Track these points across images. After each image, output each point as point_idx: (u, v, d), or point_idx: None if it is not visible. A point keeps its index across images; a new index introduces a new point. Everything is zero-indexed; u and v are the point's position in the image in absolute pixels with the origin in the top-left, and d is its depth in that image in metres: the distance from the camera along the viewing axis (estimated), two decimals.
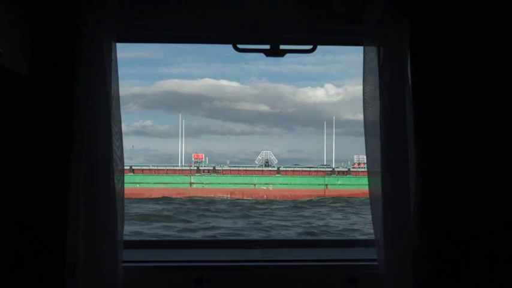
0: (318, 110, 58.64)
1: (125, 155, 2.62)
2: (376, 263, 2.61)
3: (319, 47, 2.91)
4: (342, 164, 35.38)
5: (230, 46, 2.86)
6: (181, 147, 39.17)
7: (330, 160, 37.33)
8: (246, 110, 60.59)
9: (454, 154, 2.49)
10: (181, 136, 39.64)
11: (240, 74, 67.93)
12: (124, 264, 2.58)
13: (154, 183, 33.38)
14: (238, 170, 35.73)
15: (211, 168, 35.90)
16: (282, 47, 2.87)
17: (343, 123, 60.56)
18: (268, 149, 39.79)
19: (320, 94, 61.00)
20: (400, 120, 2.56)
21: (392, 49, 2.59)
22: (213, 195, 31.92)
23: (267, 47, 2.88)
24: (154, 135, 62.46)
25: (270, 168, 35.89)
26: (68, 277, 2.44)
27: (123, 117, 2.62)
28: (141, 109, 63.19)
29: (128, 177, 33.40)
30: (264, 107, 62.15)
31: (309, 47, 2.91)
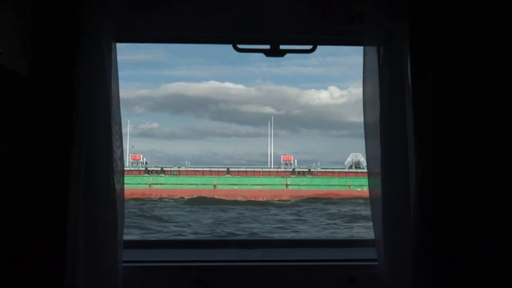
0: (323, 112, 59.05)
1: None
2: (376, 263, 2.61)
3: (319, 49, 2.91)
4: None
5: (231, 48, 2.86)
6: (271, 149, 40.03)
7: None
8: (252, 112, 61.07)
9: (454, 154, 2.50)
10: (271, 140, 40.46)
11: (243, 76, 68.43)
12: (124, 264, 2.57)
13: (251, 184, 34.07)
14: (333, 172, 36.23)
15: (306, 169, 36.45)
16: (282, 47, 2.87)
17: (348, 125, 60.97)
18: (274, 150, 40.08)
19: (324, 96, 61.62)
20: (400, 121, 2.56)
21: (392, 49, 2.59)
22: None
23: (267, 47, 2.88)
24: (161, 137, 63.12)
25: (362, 170, 35.99)
26: (68, 277, 2.43)
27: (130, 119, 2.69)
28: (147, 111, 64.34)
29: (225, 179, 34.81)
30: (269, 109, 62.53)
31: (309, 47, 2.91)
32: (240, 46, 2.88)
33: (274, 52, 2.87)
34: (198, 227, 20.06)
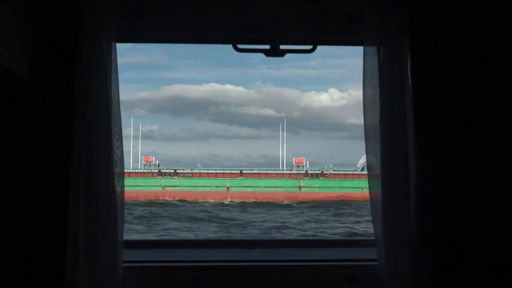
0: (323, 114, 59.08)
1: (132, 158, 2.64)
2: (376, 263, 2.60)
3: (319, 51, 2.91)
4: None
5: (231, 51, 2.87)
6: (283, 152, 40.29)
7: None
8: (252, 114, 61.23)
9: (454, 155, 2.48)
10: (283, 142, 40.82)
11: (244, 78, 68.74)
12: (124, 264, 2.57)
13: (264, 186, 34.29)
14: (345, 174, 36.26)
15: (320, 171, 36.59)
16: (282, 47, 2.88)
17: (348, 127, 61.00)
18: (274, 152, 40.23)
19: (324, 98, 61.70)
20: (400, 121, 2.55)
21: (392, 49, 2.58)
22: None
23: (267, 47, 2.88)
24: (161, 139, 63.42)
25: None
26: (68, 277, 2.43)
27: (130, 121, 2.63)
28: (148, 113, 64.78)
29: (238, 181, 35.04)
30: (269, 111, 62.68)
31: (309, 47, 2.92)
32: (240, 46, 2.88)
33: (274, 52, 2.87)
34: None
